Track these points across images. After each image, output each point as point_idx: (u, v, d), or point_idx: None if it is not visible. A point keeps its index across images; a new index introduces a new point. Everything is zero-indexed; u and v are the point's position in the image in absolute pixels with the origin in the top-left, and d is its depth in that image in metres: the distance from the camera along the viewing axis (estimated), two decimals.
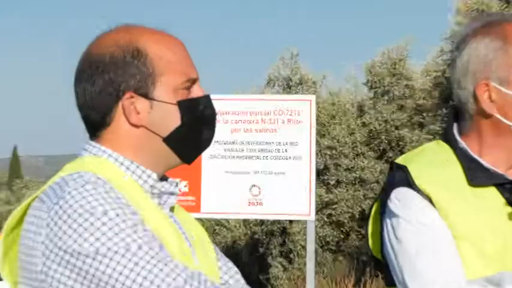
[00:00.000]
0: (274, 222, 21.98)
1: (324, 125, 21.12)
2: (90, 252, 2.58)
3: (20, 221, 2.78)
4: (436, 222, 3.23)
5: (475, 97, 3.26)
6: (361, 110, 22.92)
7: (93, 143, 2.93)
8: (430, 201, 3.22)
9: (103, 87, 2.86)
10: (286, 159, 14.18)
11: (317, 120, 15.91)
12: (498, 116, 3.26)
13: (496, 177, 3.24)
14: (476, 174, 3.28)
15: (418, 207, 3.25)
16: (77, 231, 2.58)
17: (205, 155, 13.65)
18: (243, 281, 3.08)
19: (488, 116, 3.29)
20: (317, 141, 16.40)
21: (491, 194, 3.22)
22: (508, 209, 3.19)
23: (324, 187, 20.72)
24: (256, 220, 22.45)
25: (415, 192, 3.24)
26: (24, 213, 2.77)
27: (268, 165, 14.15)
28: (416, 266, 3.20)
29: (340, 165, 21.43)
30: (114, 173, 2.85)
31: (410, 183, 3.25)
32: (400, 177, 3.33)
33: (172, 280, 2.61)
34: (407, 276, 3.21)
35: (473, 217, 3.20)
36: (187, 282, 2.62)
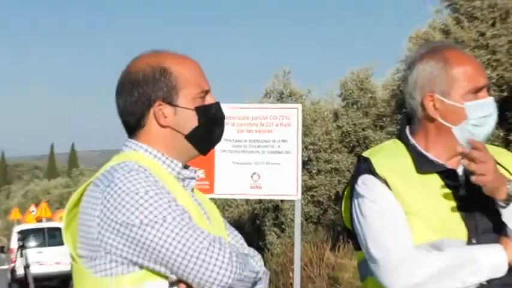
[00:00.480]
0: (270, 201, 21.81)
1: (308, 127, 21.10)
2: (135, 223, 2.76)
3: (78, 201, 2.94)
4: (391, 202, 3.34)
5: (423, 106, 3.41)
6: (336, 115, 22.84)
7: (132, 140, 3.08)
8: (387, 185, 3.35)
9: (138, 97, 3.01)
10: (279, 153, 14.53)
11: (303, 123, 15.67)
12: (440, 120, 3.41)
13: (438, 166, 3.39)
14: (423, 164, 3.40)
15: (378, 190, 3.36)
16: (125, 207, 2.74)
17: (217, 149, 13.76)
18: (245, 245, 3.18)
19: (432, 120, 3.44)
20: (302, 139, 16.13)
21: (435, 180, 3.35)
22: (447, 190, 3.34)
23: (308, 174, 20.74)
24: (256, 200, 22.20)
25: (376, 178, 3.37)
26: (82, 194, 2.94)
27: (265, 158, 14.52)
28: (375, 235, 3.32)
29: (320, 158, 21.55)
30: (150, 163, 2.98)
31: (372, 172, 3.40)
32: (365, 167, 3.47)
33: (200, 243, 2.77)
34: (370, 243, 3.34)
35: (421, 197, 3.34)
36: (211, 244, 2.78)
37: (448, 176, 3.38)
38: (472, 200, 3.33)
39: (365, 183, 3.41)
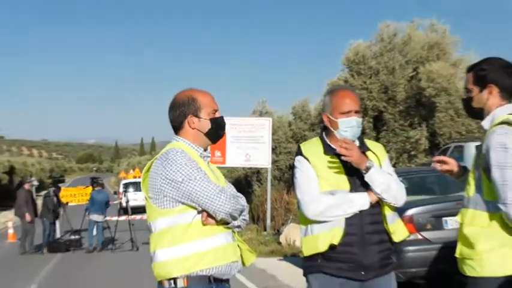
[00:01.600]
0: (255, 168, 21.84)
1: (275, 129, 20.71)
2: (179, 180, 2.97)
3: (149, 168, 3.10)
4: (310, 170, 3.53)
5: (327, 123, 3.53)
6: (289, 124, 23.36)
7: (176, 136, 3.20)
8: (308, 161, 3.53)
9: (179, 113, 3.16)
10: (260, 143, 17.44)
11: (272, 128, 18.01)
12: (330, 128, 3.53)
13: (334, 150, 3.47)
14: (328, 150, 3.53)
15: (304, 164, 3.55)
16: (174, 171, 2.97)
17: (227, 140, 16.81)
18: (236, 191, 3.23)
19: (327, 127, 3.56)
20: (272, 136, 18.13)
21: (333, 158, 3.50)
22: (339, 164, 3.49)
23: (274, 154, 20.44)
24: (248, 167, 22.16)
25: (303, 158, 3.56)
26: (150, 165, 3.10)
27: (252, 145, 17.38)
28: (300, 186, 3.55)
29: (281, 146, 22.14)
30: (187, 148, 3.11)
31: (301, 154, 3.57)
32: (299, 151, 3.61)
33: (212, 189, 2.98)
34: (298, 190, 3.58)
35: (325, 168, 3.53)
36: (221, 191, 2.99)
37: (340, 156, 3.45)
38: (352, 169, 3.47)
39: (298, 160, 3.57)
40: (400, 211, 4.31)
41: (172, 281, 3.02)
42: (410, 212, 7.52)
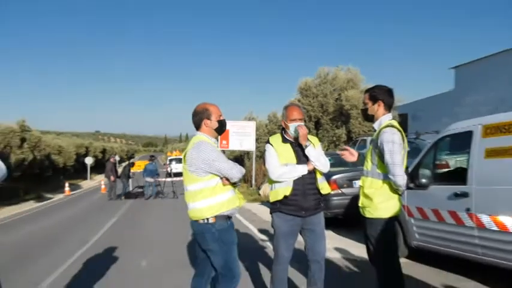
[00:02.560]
0: (245, 151, 21.59)
1: (258, 128, 20.01)
2: (211, 159, 2.91)
3: (186, 153, 3.02)
4: (273, 152, 3.51)
5: (284, 125, 3.56)
6: (266, 125, 22.50)
7: (198, 132, 3.13)
8: (273, 146, 3.52)
9: (199, 117, 3.12)
10: (248, 136, 17.51)
11: (256, 128, 18.21)
12: (286, 128, 3.52)
13: (289, 140, 3.51)
14: (284, 140, 3.55)
15: (270, 148, 3.54)
16: (207, 154, 2.93)
17: (230, 134, 16.78)
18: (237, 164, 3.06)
19: (287, 127, 3.55)
20: (256, 132, 18.07)
21: (287, 144, 3.50)
22: (291, 148, 3.46)
23: (256, 142, 18.53)
24: (241, 150, 21.60)
25: (270, 145, 3.56)
26: (188, 150, 3.02)
27: (244, 137, 17.44)
28: (268, 161, 3.52)
29: (261, 138, 20.87)
30: (207, 139, 3.08)
31: (269, 143, 3.56)
32: (268, 140, 3.58)
33: (228, 164, 2.94)
34: (267, 164, 3.55)
35: (282, 150, 3.50)
36: (234, 165, 2.97)
37: (291, 143, 3.48)
38: (297, 151, 3.47)
39: (267, 146, 3.58)
40: (327, 176, 4.41)
41: (205, 219, 3.02)
42: (334, 177, 7.78)
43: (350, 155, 3.57)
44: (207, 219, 3.02)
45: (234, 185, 3.11)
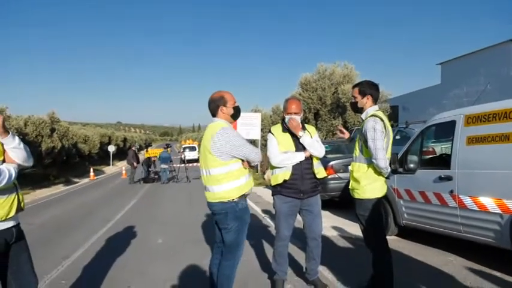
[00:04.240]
0: (252, 139, 18.41)
1: (263, 120, 19.91)
2: (238, 144, 2.81)
3: (209, 139, 2.87)
4: (274, 140, 3.46)
5: (283, 116, 3.45)
6: (270, 116, 22.49)
7: (215, 118, 3.01)
8: (274, 135, 3.47)
9: (216, 105, 2.99)
10: (254, 126, 17.39)
11: (261, 119, 18.26)
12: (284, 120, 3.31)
13: (288, 130, 3.42)
14: (284, 129, 3.49)
15: (271, 137, 3.49)
16: (234, 139, 2.82)
17: (238, 124, 16.23)
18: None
19: (284, 118, 3.42)
20: (261, 123, 18.13)
21: (286, 134, 3.42)
22: (290, 136, 3.39)
23: (262, 132, 18.48)
24: (249, 139, 17.73)
25: (271, 134, 3.50)
26: (211, 136, 2.85)
27: (251, 128, 17.30)
28: (270, 148, 3.45)
29: (265, 128, 20.57)
30: (226, 124, 2.95)
31: (271, 132, 3.48)
32: (270, 130, 3.53)
33: (253, 150, 2.86)
34: (268, 151, 3.48)
35: (282, 139, 3.43)
36: (253, 148, 2.88)
37: (291, 132, 3.33)
38: (296, 140, 3.40)
39: (269, 135, 3.52)
40: (325, 162, 4.56)
41: (230, 199, 2.95)
42: (331, 163, 7.75)
43: (342, 133, 3.70)
44: (232, 199, 2.98)
45: (251, 167, 3.06)
